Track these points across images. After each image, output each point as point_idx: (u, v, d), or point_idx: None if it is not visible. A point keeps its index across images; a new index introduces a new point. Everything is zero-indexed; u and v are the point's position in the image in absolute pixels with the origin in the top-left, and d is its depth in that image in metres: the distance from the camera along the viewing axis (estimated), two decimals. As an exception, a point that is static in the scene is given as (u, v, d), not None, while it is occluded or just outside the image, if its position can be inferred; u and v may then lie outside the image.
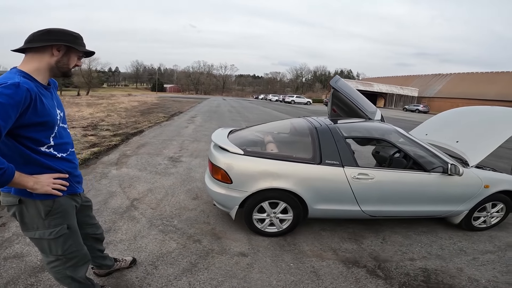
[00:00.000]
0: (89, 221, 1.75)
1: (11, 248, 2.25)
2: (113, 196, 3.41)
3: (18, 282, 1.90)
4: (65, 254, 1.48)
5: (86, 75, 55.51)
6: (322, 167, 2.59)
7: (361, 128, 3.40)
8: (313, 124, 2.96)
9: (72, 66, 1.38)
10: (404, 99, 51.25)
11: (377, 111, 3.94)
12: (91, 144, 5.99)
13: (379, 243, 2.75)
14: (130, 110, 14.97)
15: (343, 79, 4.12)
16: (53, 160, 1.35)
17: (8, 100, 1.09)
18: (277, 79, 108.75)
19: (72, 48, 1.33)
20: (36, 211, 1.35)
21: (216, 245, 2.52)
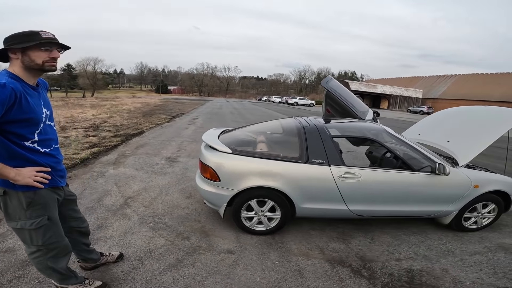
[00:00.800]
0: (74, 214, 1.81)
1: (4, 242, 2.33)
2: (108, 195, 3.47)
3: (7, 274, 1.97)
4: (45, 245, 1.55)
5: (91, 76, 56.09)
6: (308, 166, 2.61)
7: (349, 128, 3.42)
8: (301, 124, 2.99)
9: (44, 61, 1.41)
10: (408, 100, 50.92)
11: (368, 111, 3.95)
12: (91, 144, 6.09)
13: (367, 243, 2.77)
14: (133, 111, 15.12)
15: (335, 80, 4.14)
16: (36, 155, 1.44)
17: None
18: (280, 80, 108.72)
19: (28, 47, 1.37)
20: (18, 202, 1.43)
21: (204, 242, 2.56)
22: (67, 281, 1.76)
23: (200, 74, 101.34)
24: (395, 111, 44.88)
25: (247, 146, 3.05)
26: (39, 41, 1.39)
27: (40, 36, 1.41)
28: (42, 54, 1.42)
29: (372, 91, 50.58)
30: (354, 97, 4.00)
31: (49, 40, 1.42)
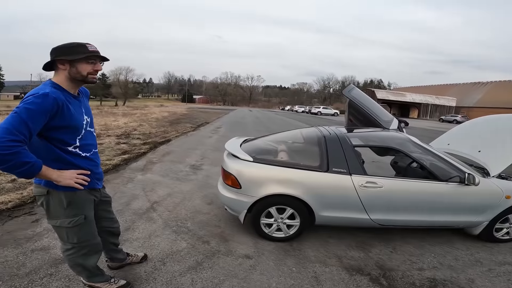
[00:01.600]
0: (106, 215, 1.95)
1: (40, 241, 2.53)
2: (136, 199, 3.69)
3: (39, 272, 2.11)
4: (79, 243, 1.68)
5: (123, 86, 58.81)
6: (329, 174, 2.64)
7: (372, 137, 3.40)
8: (322, 133, 3.03)
9: (89, 73, 1.54)
10: (440, 109, 48.66)
11: (393, 120, 3.89)
12: (123, 151, 6.46)
13: (388, 252, 2.72)
14: (161, 120, 15.79)
15: (357, 88, 4.13)
16: (77, 159, 1.58)
17: (37, 108, 1.34)
18: (303, 89, 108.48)
19: (77, 59, 1.48)
20: (59, 201, 1.57)
21: (223, 246, 2.64)
22: (95, 278, 1.87)
23: (224, 83, 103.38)
24: (426, 120, 42.96)
25: (268, 155, 3.12)
26: (87, 54, 1.50)
27: (87, 48, 1.51)
28: (87, 66, 1.54)
29: (400, 100, 48.90)
30: (377, 106, 3.97)
31: (95, 54, 1.53)
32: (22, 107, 1.33)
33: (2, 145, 1.25)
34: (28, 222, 2.87)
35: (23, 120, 1.31)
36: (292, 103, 78.17)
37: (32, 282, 1.99)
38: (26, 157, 1.32)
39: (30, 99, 1.36)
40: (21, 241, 2.49)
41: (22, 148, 1.31)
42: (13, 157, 1.27)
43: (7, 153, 1.25)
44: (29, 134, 1.33)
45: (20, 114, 1.31)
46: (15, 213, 3.05)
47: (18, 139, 1.29)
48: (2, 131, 1.27)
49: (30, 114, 1.33)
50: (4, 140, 1.25)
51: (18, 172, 1.33)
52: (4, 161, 1.27)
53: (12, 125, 1.29)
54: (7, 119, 1.31)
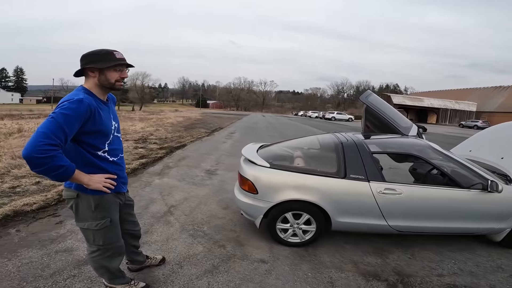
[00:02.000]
0: (129, 218, 2.00)
1: (64, 243, 2.61)
2: (154, 202, 3.78)
3: (63, 273, 2.17)
4: (104, 245, 1.73)
5: (139, 91, 60.17)
6: (346, 181, 2.64)
7: (390, 144, 3.37)
8: (339, 139, 3.03)
9: (116, 80, 1.60)
10: (460, 114, 47.19)
11: (412, 127, 3.85)
12: (140, 155, 6.64)
13: (406, 258, 2.69)
14: (176, 125, 16.10)
15: (374, 94, 4.09)
16: (106, 163, 1.64)
17: (73, 113, 1.41)
18: (317, 95, 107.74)
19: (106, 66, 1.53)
20: (88, 204, 1.63)
21: (239, 251, 2.66)
22: (116, 280, 1.90)
23: (237, 88, 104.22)
24: (445, 125, 41.74)
25: (284, 161, 3.14)
26: (116, 62, 1.55)
27: (115, 56, 1.56)
28: (115, 74, 1.59)
29: (418, 105, 47.77)
30: (396, 112, 3.93)
31: (123, 62, 1.57)
32: (58, 112, 1.39)
33: (40, 149, 1.31)
34: (52, 223, 2.99)
35: (59, 125, 1.36)
36: (305, 108, 77.81)
37: (56, 283, 2.04)
38: (61, 160, 1.38)
39: (66, 105, 1.42)
40: (45, 242, 2.59)
41: (58, 152, 1.36)
42: (49, 161, 1.33)
43: (43, 156, 1.31)
44: (64, 139, 1.39)
45: (57, 119, 1.37)
46: (40, 215, 3.18)
47: (55, 143, 1.34)
48: (40, 135, 1.33)
49: (66, 119, 1.38)
50: (41, 144, 1.31)
51: (53, 175, 1.38)
52: (40, 164, 1.33)
53: (49, 130, 1.35)
54: (44, 124, 1.37)
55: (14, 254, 2.37)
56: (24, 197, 3.59)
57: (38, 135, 1.33)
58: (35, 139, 1.32)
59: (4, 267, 2.18)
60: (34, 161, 1.32)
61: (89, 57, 1.56)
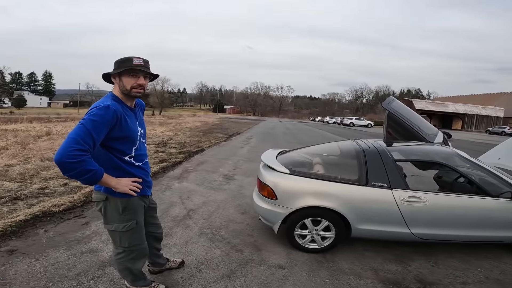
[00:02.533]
0: (152, 221, 2.04)
1: (89, 244, 2.70)
2: (173, 206, 3.86)
3: (88, 274, 2.22)
4: (130, 247, 1.77)
5: (159, 95, 61.63)
6: (368, 188, 2.62)
7: (415, 151, 3.32)
8: (361, 147, 3.01)
9: (132, 87, 1.60)
10: (486, 120, 45.11)
11: (438, 134, 3.75)
12: (161, 159, 6.81)
13: (429, 266, 2.62)
14: (194, 130, 16.41)
15: (397, 100, 4.02)
16: (132, 168, 1.70)
17: (100, 119, 1.47)
18: (335, 100, 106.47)
19: (122, 72, 1.57)
20: (115, 207, 1.68)
21: (256, 256, 2.67)
22: (138, 282, 1.92)
23: (254, 93, 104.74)
24: (471, 132, 39.96)
25: (303, 167, 3.14)
26: (127, 67, 1.56)
27: (132, 62, 1.57)
28: (130, 80, 1.59)
29: (442, 110, 46.11)
30: (420, 119, 3.84)
31: (135, 67, 1.56)
32: (87, 118, 1.46)
33: (70, 154, 1.38)
34: (78, 224, 3.11)
35: (88, 131, 1.43)
36: (323, 113, 77.01)
37: (81, 284, 2.09)
38: (90, 165, 1.45)
39: (94, 111, 1.49)
40: (71, 243, 2.68)
41: (87, 157, 1.43)
42: (79, 165, 1.40)
43: (74, 161, 1.38)
44: (93, 144, 1.46)
45: (86, 125, 1.44)
46: (67, 216, 3.32)
47: (84, 149, 1.41)
48: (70, 141, 1.40)
49: (94, 125, 1.45)
50: (71, 150, 1.38)
51: (83, 179, 1.45)
52: (71, 168, 1.40)
53: (79, 135, 1.42)
54: (74, 130, 1.44)
55: (42, 254, 2.47)
56: (52, 198, 3.77)
57: (68, 140, 1.40)
58: (66, 145, 1.39)
59: (31, 267, 2.26)
60: (65, 166, 1.39)
61: (114, 63, 1.63)
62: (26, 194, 3.89)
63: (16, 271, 2.20)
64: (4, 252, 2.46)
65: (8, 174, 4.75)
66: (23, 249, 2.54)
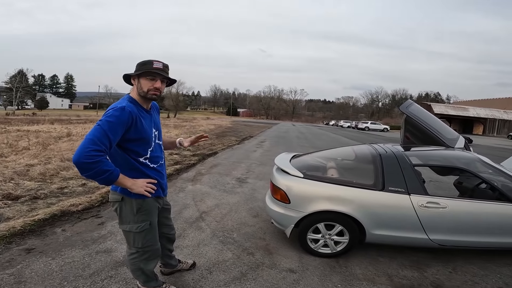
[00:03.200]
0: (166, 222, 2.06)
1: (104, 243, 2.75)
2: (187, 208, 3.89)
3: (101, 273, 2.25)
4: (143, 247, 1.79)
5: (174, 98, 62.46)
6: (384, 193, 2.57)
7: (434, 156, 3.24)
8: (377, 151, 2.96)
9: (149, 89, 1.64)
10: (509, 124, 43.24)
11: (459, 138, 3.64)
12: (175, 162, 6.91)
13: (446, 272, 2.54)
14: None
15: (416, 104, 3.94)
16: (147, 169, 1.73)
17: (116, 120, 1.51)
18: (349, 104, 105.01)
19: (140, 74, 1.61)
20: (130, 207, 1.71)
21: (268, 259, 2.64)
22: (150, 283, 1.92)
23: (267, 97, 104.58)
24: (493, 137, 38.42)
25: (317, 171, 3.11)
26: (145, 70, 1.59)
27: (151, 65, 1.60)
28: (148, 82, 1.62)
29: (462, 114, 44.59)
30: (440, 123, 3.73)
31: (153, 70, 1.59)
32: (104, 119, 1.50)
33: (87, 155, 1.41)
34: (95, 224, 3.18)
35: (104, 132, 1.47)
36: (337, 117, 76.04)
37: (94, 283, 2.13)
38: (107, 165, 1.48)
39: (110, 112, 1.53)
40: (87, 243, 2.74)
41: (104, 157, 1.46)
42: (96, 166, 1.43)
43: (91, 161, 1.42)
44: (109, 145, 1.49)
45: (102, 126, 1.48)
46: (84, 215, 3.41)
47: (101, 149, 1.44)
48: (88, 142, 1.44)
49: (110, 126, 1.49)
50: (89, 150, 1.42)
51: (100, 179, 1.48)
52: (88, 169, 1.43)
53: (96, 136, 1.45)
54: (92, 131, 1.48)
55: (58, 253, 2.53)
56: (71, 198, 3.88)
57: (86, 141, 1.44)
58: (83, 146, 1.43)
59: (48, 266, 2.31)
60: (82, 166, 1.42)
61: (136, 65, 1.65)
62: (46, 194, 4.03)
63: (32, 270, 2.25)
64: (22, 251, 2.54)
65: (29, 174, 4.94)
66: (41, 247, 2.61)
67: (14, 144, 8.32)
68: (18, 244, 2.65)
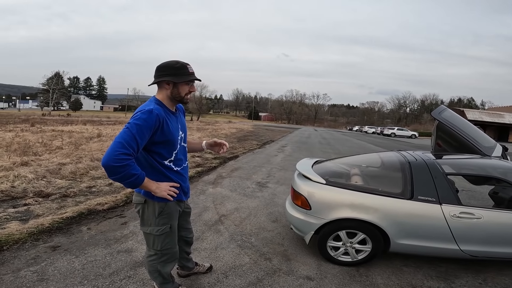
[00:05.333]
0: (185, 225, 2.06)
1: (125, 243, 2.80)
2: (206, 211, 3.91)
3: (120, 273, 2.28)
4: (162, 250, 1.79)
5: (197, 101, 63.68)
6: (413, 202, 2.47)
7: (468, 165, 3.07)
8: (406, 159, 2.84)
9: (186, 94, 1.66)
10: (551, 133, 39.89)
11: (496, 146, 3.43)
12: (197, 164, 7.02)
13: (476, 283, 2.41)
14: (229, 136, 16.72)
15: (450, 110, 3.74)
16: (171, 172, 1.72)
17: (144, 123, 1.50)
18: (374, 109, 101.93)
19: (179, 79, 1.59)
20: (152, 210, 1.71)
21: (285, 265, 2.59)
22: (166, 285, 1.92)
23: (289, 101, 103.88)
24: (532, 146, 35.61)
25: (340, 178, 3.03)
26: (189, 77, 1.60)
27: (188, 70, 1.60)
28: (186, 87, 1.64)
29: (498, 121, 41.79)
30: (476, 130, 3.52)
31: (194, 77, 1.63)
32: (132, 122, 1.50)
33: (116, 158, 1.41)
34: (118, 224, 3.27)
35: (133, 135, 1.47)
36: (361, 123, 74.05)
37: (113, 283, 2.15)
38: (134, 169, 1.48)
39: (138, 115, 1.53)
40: (110, 242, 2.81)
41: (132, 161, 1.47)
42: (124, 169, 1.43)
43: (119, 165, 1.42)
44: (137, 148, 1.49)
45: (131, 129, 1.48)
46: (109, 215, 3.52)
47: (129, 153, 1.45)
48: (117, 145, 1.44)
49: (138, 129, 1.48)
50: (118, 154, 1.42)
51: (126, 182, 1.48)
52: (116, 172, 1.43)
53: (125, 140, 1.45)
54: (120, 134, 1.48)
55: (82, 251, 2.60)
56: (98, 197, 4.04)
57: (115, 145, 1.44)
58: (112, 149, 1.43)
59: (70, 264, 2.36)
60: (111, 169, 1.42)
61: (165, 69, 1.61)
62: (75, 192, 4.22)
63: (55, 268, 2.31)
64: (48, 248, 2.63)
65: (61, 172, 5.22)
66: (66, 245, 2.70)
67: (49, 143, 8.86)
68: (45, 241, 2.76)
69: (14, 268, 2.26)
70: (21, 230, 2.82)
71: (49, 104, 62.64)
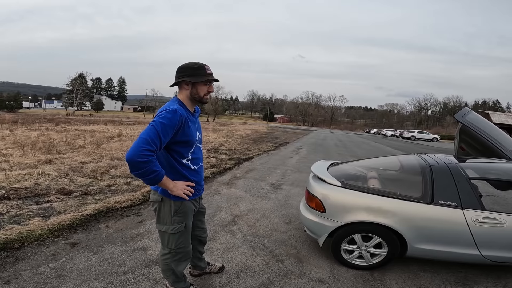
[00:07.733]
0: (199, 224, 2.08)
1: (141, 241, 2.86)
2: (220, 211, 3.95)
3: (135, 271, 2.32)
4: (176, 248, 1.81)
5: (213, 103, 64.39)
6: (433, 207, 2.41)
7: (493, 169, 2.95)
8: (427, 162, 2.77)
9: (204, 94, 1.70)
10: None
11: None
12: (212, 165, 7.10)
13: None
14: (244, 137, 16.78)
15: (474, 112, 3.60)
16: (188, 171, 1.75)
17: (168, 122, 1.55)
18: (393, 111, 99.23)
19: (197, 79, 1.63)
20: (169, 209, 1.74)
21: (297, 267, 2.57)
22: (178, 284, 1.95)
23: (304, 103, 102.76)
24: None
25: (356, 181, 2.98)
26: (207, 77, 1.64)
27: (206, 71, 1.64)
28: (205, 88, 1.68)
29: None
30: (502, 134, 3.38)
31: (212, 77, 1.66)
32: (158, 120, 1.54)
33: (140, 154, 1.45)
34: (135, 222, 3.35)
35: (157, 133, 1.51)
36: (379, 125, 72.28)
37: (127, 281, 2.19)
38: (155, 166, 1.52)
39: (163, 114, 1.57)
40: (126, 240, 2.87)
41: (154, 157, 1.51)
42: (146, 165, 1.47)
43: (142, 161, 1.46)
44: (160, 145, 1.53)
45: (156, 126, 1.52)
46: (126, 213, 3.61)
47: (153, 149, 1.49)
48: (141, 141, 1.48)
49: (163, 127, 1.53)
50: (142, 149, 1.46)
51: (147, 178, 1.52)
52: (139, 167, 1.47)
53: (149, 136, 1.50)
54: (145, 130, 1.53)
55: (100, 249, 2.65)
56: (116, 195, 4.16)
57: (140, 140, 1.49)
58: (137, 144, 1.48)
59: (88, 261, 2.42)
60: (134, 164, 1.47)
61: (184, 69, 1.66)
62: (96, 190, 4.37)
63: (73, 264, 2.37)
64: (67, 245, 2.71)
65: (83, 171, 5.42)
66: (85, 242, 2.78)
67: (72, 142, 9.24)
68: (65, 238, 2.85)
69: (34, 264, 2.34)
70: (43, 226, 2.93)
71: (73, 104, 65.14)
